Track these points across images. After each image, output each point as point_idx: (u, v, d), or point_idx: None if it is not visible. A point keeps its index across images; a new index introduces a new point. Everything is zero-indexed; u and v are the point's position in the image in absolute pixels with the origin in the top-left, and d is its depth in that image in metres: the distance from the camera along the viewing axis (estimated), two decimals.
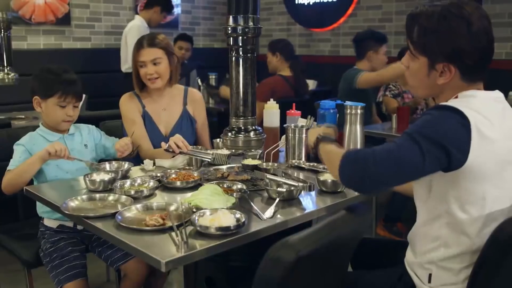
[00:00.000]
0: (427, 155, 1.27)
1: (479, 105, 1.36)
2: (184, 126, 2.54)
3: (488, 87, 1.46)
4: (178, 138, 2.16)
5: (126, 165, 2.10)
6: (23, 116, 3.64)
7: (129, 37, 4.64)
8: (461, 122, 1.29)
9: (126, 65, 4.72)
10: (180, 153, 2.15)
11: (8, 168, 2.05)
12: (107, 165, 2.11)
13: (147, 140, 2.45)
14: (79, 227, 2.09)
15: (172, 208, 1.64)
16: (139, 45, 2.46)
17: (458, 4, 1.38)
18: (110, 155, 2.30)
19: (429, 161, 1.27)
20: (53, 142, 2.04)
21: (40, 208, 2.13)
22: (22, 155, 2.07)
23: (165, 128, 2.52)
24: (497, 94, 1.45)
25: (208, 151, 2.19)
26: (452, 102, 1.36)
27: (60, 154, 1.99)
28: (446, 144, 1.27)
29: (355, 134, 2.25)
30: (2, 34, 3.62)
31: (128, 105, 2.50)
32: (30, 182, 2.09)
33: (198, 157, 2.17)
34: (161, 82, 2.47)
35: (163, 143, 2.19)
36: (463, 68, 1.39)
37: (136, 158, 2.36)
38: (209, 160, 2.12)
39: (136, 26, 4.66)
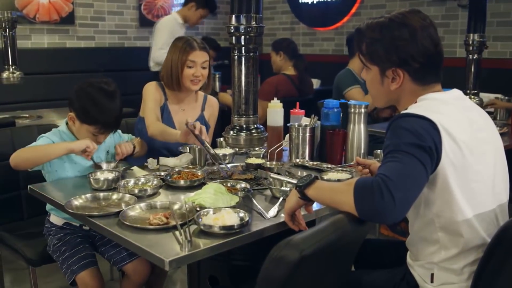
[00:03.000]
0: (424, 161, 1.27)
1: (439, 106, 1.40)
2: None
3: (492, 86, 1.47)
4: (200, 125, 2.14)
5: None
6: (27, 115, 3.64)
7: (159, 32, 4.36)
8: (430, 125, 1.32)
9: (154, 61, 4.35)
10: (196, 136, 2.11)
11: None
12: (104, 165, 2.08)
13: (159, 121, 2.47)
14: (86, 227, 2.08)
15: (175, 207, 1.65)
16: (190, 45, 2.45)
17: (401, 14, 1.47)
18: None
19: (428, 166, 1.28)
20: (86, 139, 2.02)
21: (49, 204, 2.12)
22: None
23: (180, 128, 2.52)
24: (455, 93, 1.49)
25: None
26: (413, 109, 1.39)
27: (91, 152, 1.99)
28: (431, 145, 1.29)
29: (359, 133, 2.24)
30: (6, 33, 3.62)
31: (153, 90, 2.52)
32: (36, 180, 2.09)
33: (205, 150, 2.13)
34: (200, 85, 2.49)
35: (188, 118, 2.18)
36: (411, 71, 1.46)
37: (139, 158, 2.36)
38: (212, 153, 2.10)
39: (169, 21, 4.40)
